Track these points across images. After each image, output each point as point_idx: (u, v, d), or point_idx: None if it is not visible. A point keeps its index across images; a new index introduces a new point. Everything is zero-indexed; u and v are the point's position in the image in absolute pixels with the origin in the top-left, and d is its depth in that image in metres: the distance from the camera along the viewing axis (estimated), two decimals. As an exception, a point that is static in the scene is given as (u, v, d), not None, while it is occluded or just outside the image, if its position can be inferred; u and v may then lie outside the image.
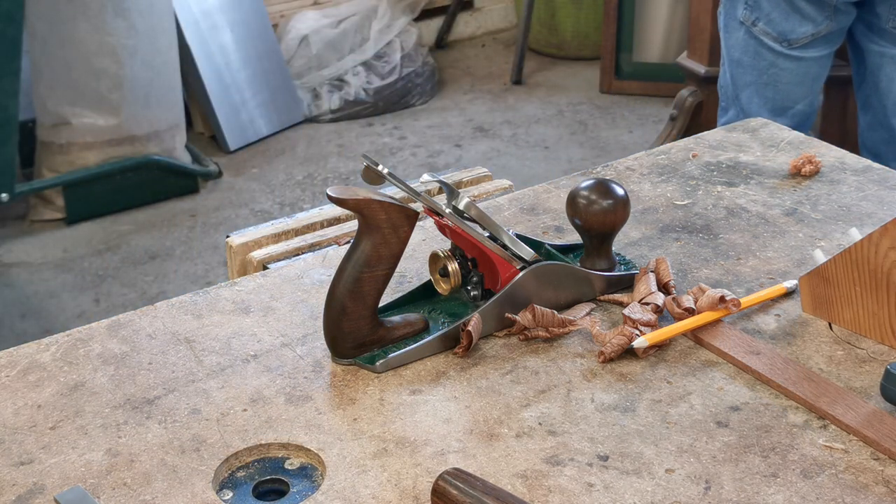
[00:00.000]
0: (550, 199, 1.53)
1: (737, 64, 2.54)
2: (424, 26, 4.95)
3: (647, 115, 4.41)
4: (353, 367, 1.19)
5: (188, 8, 4.06)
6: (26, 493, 1.03)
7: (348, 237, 1.57)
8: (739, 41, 2.51)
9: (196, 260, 3.54)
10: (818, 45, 2.45)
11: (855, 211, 1.47)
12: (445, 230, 1.26)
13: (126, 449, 1.08)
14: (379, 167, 1.19)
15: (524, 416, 1.11)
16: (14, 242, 3.65)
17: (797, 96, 2.51)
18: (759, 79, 2.52)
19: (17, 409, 1.14)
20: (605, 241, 1.30)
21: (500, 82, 4.76)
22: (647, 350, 1.20)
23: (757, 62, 2.51)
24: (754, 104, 2.54)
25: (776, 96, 2.52)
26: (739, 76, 2.55)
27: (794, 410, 1.11)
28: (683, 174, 1.59)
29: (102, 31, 3.59)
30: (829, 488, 1.01)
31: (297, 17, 4.58)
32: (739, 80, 2.55)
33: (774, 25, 2.45)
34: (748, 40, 2.49)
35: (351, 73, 4.48)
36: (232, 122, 4.19)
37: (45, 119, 3.70)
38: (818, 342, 1.22)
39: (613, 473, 1.04)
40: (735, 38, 2.52)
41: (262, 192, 3.92)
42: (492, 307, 1.24)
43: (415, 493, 1.02)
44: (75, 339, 1.25)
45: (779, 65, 2.49)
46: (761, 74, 2.52)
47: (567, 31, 4.89)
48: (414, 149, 4.22)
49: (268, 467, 1.08)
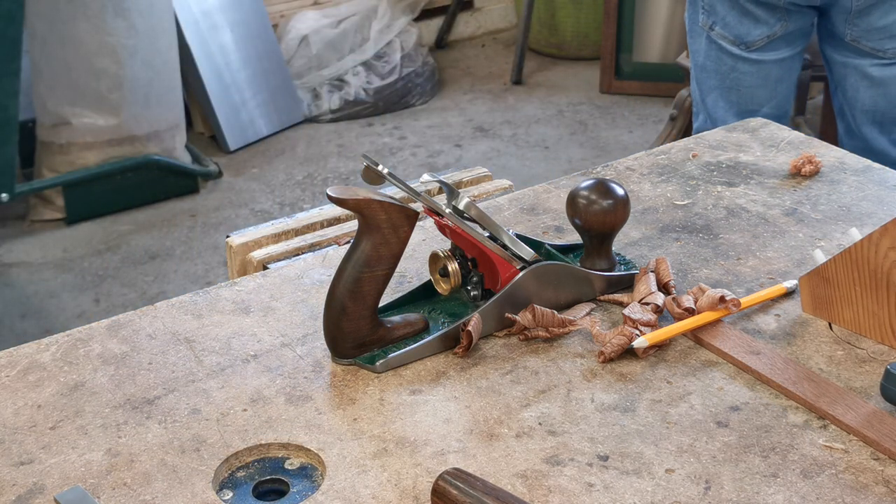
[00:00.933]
0: (550, 199, 1.53)
1: (701, 69, 2.52)
2: (424, 26, 4.95)
3: (647, 115, 4.41)
4: (353, 367, 1.19)
5: (188, 8, 4.06)
6: (26, 493, 1.03)
7: (348, 237, 1.57)
8: (702, 46, 2.49)
9: (196, 260, 3.54)
10: (777, 47, 2.43)
11: (855, 211, 1.47)
12: (445, 230, 1.26)
13: (126, 449, 1.08)
14: (379, 167, 1.19)
15: (524, 416, 1.11)
16: (14, 242, 3.65)
17: (761, 99, 2.49)
18: (722, 83, 2.50)
19: (17, 409, 1.14)
20: (605, 241, 1.30)
21: (500, 82, 4.76)
22: (647, 350, 1.20)
23: (719, 67, 2.48)
24: (720, 108, 2.52)
25: (740, 100, 2.50)
26: (704, 81, 2.53)
27: (794, 410, 1.11)
28: (683, 174, 1.59)
29: (102, 31, 3.59)
30: (829, 488, 1.01)
31: (297, 17, 4.58)
32: (704, 84, 2.53)
33: (730, 29, 2.43)
34: (710, 45, 2.47)
35: (351, 73, 4.48)
36: (232, 122, 4.19)
37: (45, 119, 3.70)
38: (818, 342, 1.22)
39: (613, 473, 1.04)
40: (698, 44, 2.50)
41: (262, 192, 3.92)
42: (492, 307, 1.24)
43: (415, 493, 1.02)
44: (75, 339, 1.25)
45: (739, 68, 2.47)
46: (724, 79, 2.49)
47: (567, 31, 4.89)
48: (414, 149, 4.22)
49: (268, 467, 1.08)
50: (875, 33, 2.31)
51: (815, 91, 4.08)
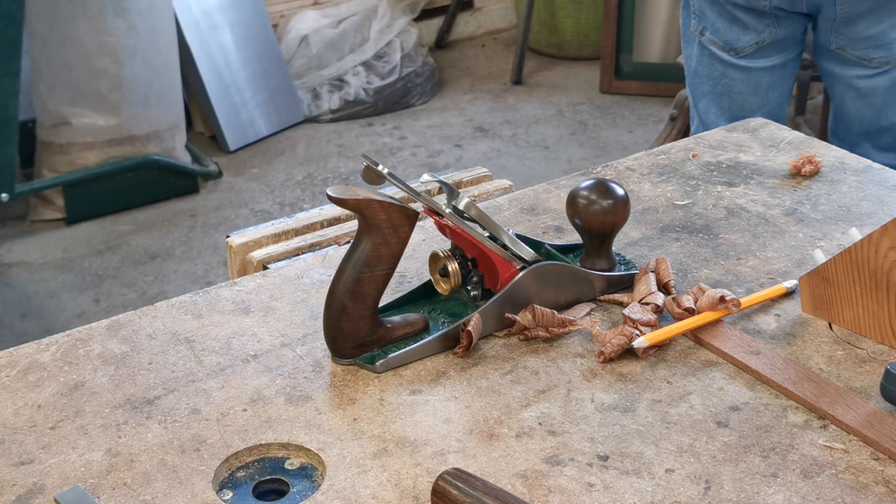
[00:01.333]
0: (550, 199, 1.53)
1: (694, 74, 2.52)
2: (424, 26, 4.95)
3: (647, 115, 4.41)
4: (353, 367, 1.19)
5: (188, 8, 4.06)
6: (26, 493, 1.03)
7: (348, 237, 1.57)
8: (694, 51, 2.49)
9: (196, 260, 3.54)
10: (767, 54, 2.42)
11: (855, 211, 1.47)
12: (445, 230, 1.26)
13: (126, 449, 1.08)
14: (379, 167, 1.19)
15: (524, 416, 1.11)
16: (14, 242, 3.65)
17: (752, 106, 2.48)
18: (714, 89, 2.49)
19: (17, 409, 1.14)
20: (605, 241, 1.30)
21: (500, 82, 4.76)
22: (647, 350, 1.20)
23: (711, 72, 2.48)
24: (712, 114, 2.52)
25: (732, 106, 2.49)
26: (696, 86, 2.52)
27: (794, 410, 1.11)
28: (683, 174, 1.59)
29: (102, 31, 3.59)
30: (829, 488, 1.01)
31: (297, 17, 4.58)
32: (697, 90, 2.52)
33: (720, 35, 2.42)
34: (701, 50, 2.47)
35: (351, 73, 4.48)
36: (232, 122, 4.19)
37: (45, 119, 3.70)
38: (818, 342, 1.22)
39: (613, 473, 1.04)
40: (691, 49, 2.50)
41: (262, 192, 3.92)
42: (492, 307, 1.23)
43: (415, 493, 1.02)
44: (75, 339, 1.25)
45: (729, 74, 2.46)
46: (715, 84, 2.49)
47: (567, 31, 4.89)
48: (414, 149, 4.22)
49: (268, 467, 1.08)
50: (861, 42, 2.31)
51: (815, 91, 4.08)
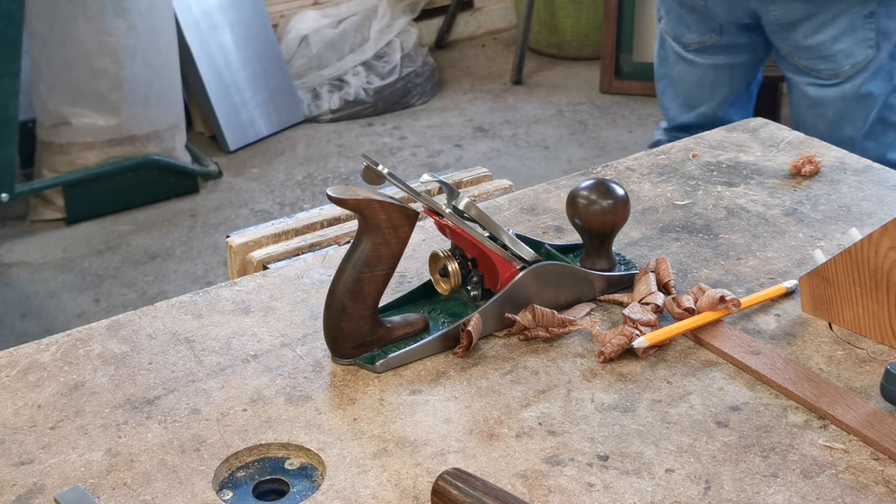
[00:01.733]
0: (550, 199, 1.53)
1: (658, 56, 2.65)
2: (424, 26, 4.95)
3: (647, 115, 4.41)
4: (353, 367, 1.19)
5: (188, 8, 4.06)
6: (26, 493, 1.03)
7: (348, 237, 1.57)
8: (658, 36, 2.63)
9: (196, 260, 3.54)
10: (712, 53, 2.52)
11: (855, 211, 1.47)
12: (445, 230, 1.26)
13: (126, 449, 1.08)
14: (379, 167, 1.19)
15: (524, 416, 1.11)
16: (14, 242, 3.65)
17: (700, 97, 2.60)
18: (668, 74, 2.62)
19: (17, 409, 1.14)
20: (605, 241, 1.30)
21: (500, 82, 4.76)
22: (647, 350, 1.20)
23: (666, 58, 2.61)
24: (667, 97, 2.65)
25: (683, 92, 2.62)
26: (658, 68, 2.65)
27: (794, 410, 1.11)
28: (683, 174, 1.59)
29: (102, 31, 3.59)
30: (829, 488, 1.01)
31: (297, 17, 4.58)
32: (658, 71, 2.66)
33: (672, 26, 2.55)
34: (662, 36, 2.60)
35: (351, 73, 4.48)
36: (232, 122, 4.19)
37: (45, 119, 3.70)
38: (818, 342, 1.22)
39: (613, 473, 1.04)
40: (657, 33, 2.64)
41: (262, 192, 3.92)
42: (492, 307, 1.23)
43: (415, 493, 1.02)
44: (75, 339, 1.25)
45: (679, 64, 2.59)
46: (670, 70, 2.61)
47: (567, 31, 4.89)
48: (414, 149, 4.22)
49: (268, 467, 1.08)
50: (804, 52, 2.36)
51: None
